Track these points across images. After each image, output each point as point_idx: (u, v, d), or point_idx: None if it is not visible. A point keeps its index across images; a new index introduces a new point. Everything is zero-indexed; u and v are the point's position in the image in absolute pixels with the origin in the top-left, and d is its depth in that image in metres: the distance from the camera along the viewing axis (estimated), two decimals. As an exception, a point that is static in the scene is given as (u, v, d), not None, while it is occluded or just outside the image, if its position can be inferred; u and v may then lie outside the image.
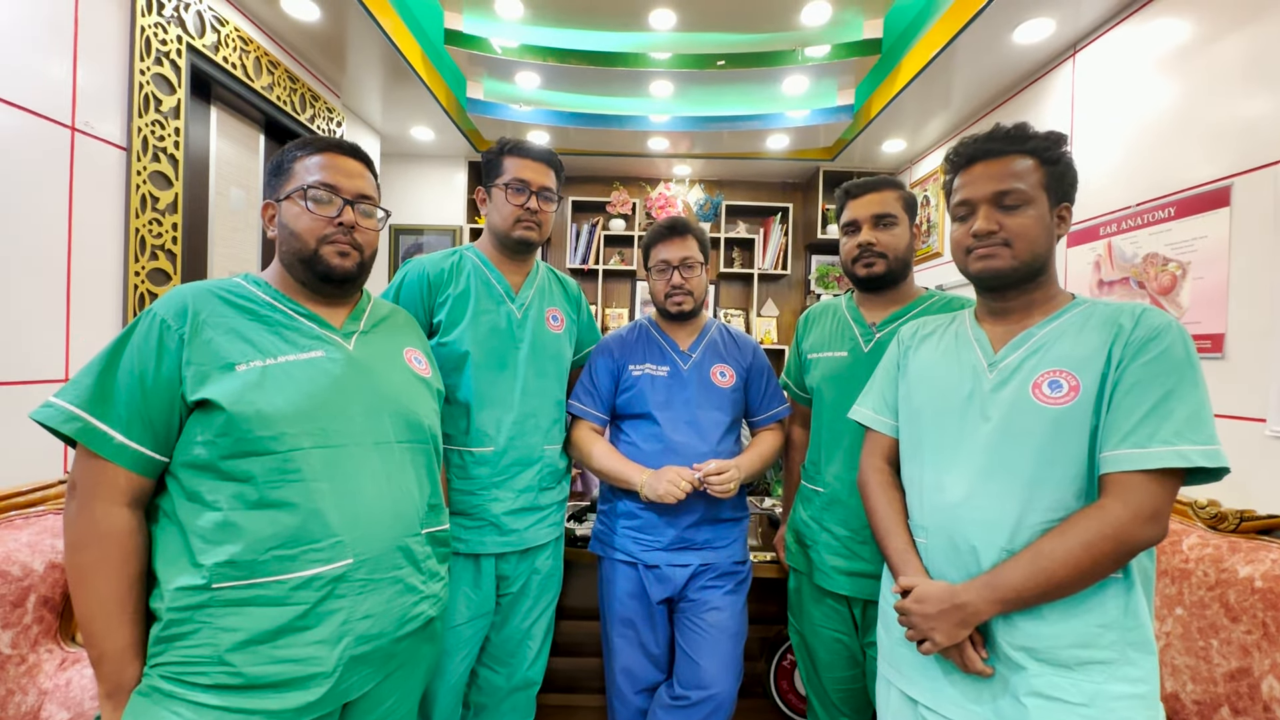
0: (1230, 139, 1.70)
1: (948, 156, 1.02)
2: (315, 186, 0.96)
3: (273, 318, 0.94)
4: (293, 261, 0.98)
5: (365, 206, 1.00)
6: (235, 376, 0.86)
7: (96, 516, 0.81)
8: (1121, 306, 0.90)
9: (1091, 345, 0.88)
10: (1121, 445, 0.82)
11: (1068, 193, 0.96)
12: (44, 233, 1.54)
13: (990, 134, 0.96)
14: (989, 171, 0.94)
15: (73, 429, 0.80)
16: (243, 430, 0.84)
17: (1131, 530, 0.80)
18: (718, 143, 3.65)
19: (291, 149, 1.00)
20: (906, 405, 1.07)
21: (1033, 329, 0.95)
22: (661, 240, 1.46)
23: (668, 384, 1.45)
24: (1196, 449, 0.79)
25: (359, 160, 1.01)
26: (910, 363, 1.09)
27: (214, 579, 0.81)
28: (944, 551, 0.94)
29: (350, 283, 1.01)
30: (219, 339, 0.88)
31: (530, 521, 1.37)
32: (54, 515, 1.24)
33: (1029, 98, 2.61)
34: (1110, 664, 0.83)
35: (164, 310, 0.87)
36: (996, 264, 0.93)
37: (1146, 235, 1.94)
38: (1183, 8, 1.87)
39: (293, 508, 0.85)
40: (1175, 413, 0.81)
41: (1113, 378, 0.85)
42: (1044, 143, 0.94)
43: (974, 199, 0.95)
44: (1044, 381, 0.89)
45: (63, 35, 1.58)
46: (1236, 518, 1.21)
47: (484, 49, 2.89)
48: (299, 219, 0.96)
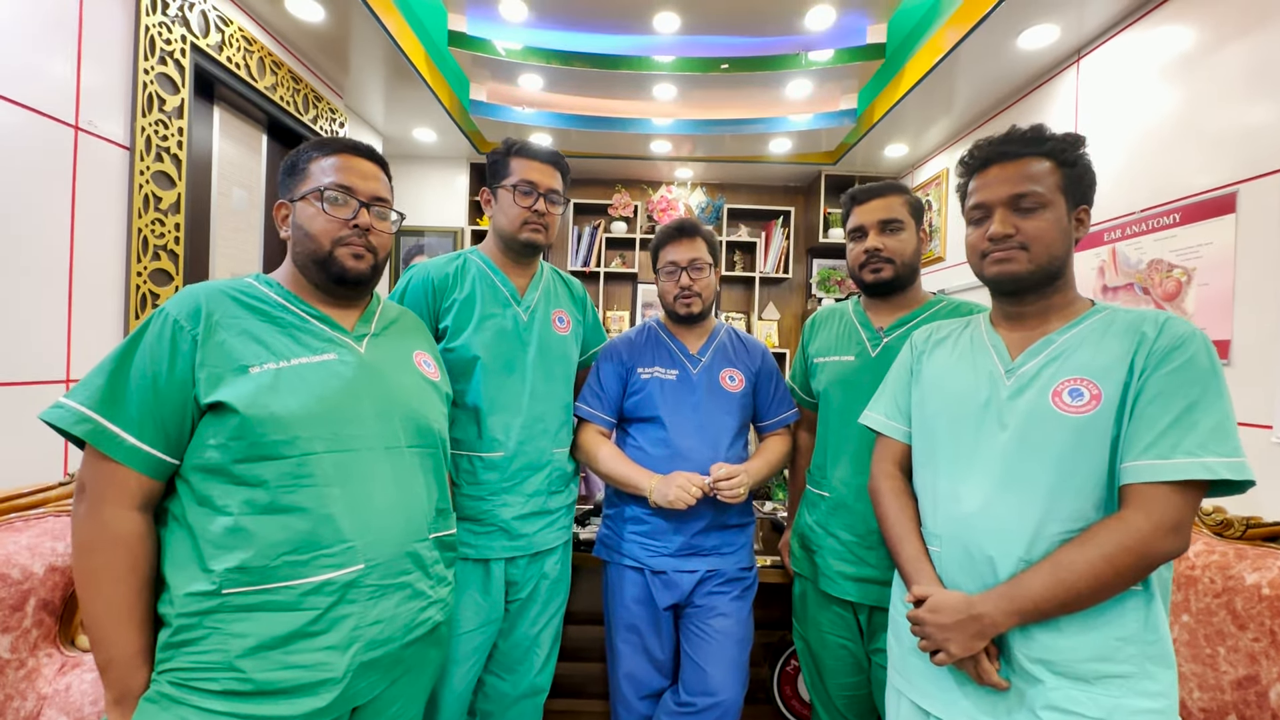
0: (1235, 146, 1.70)
1: (962, 159, 1.00)
2: (331, 188, 0.95)
3: (285, 319, 0.93)
4: (307, 263, 0.96)
5: (380, 209, 1.00)
6: (249, 379, 0.85)
7: (106, 520, 0.80)
8: (1144, 314, 0.89)
9: (1113, 353, 0.86)
10: (1144, 456, 0.81)
11: (1086, 195, 0.94)
12: (46, 232, 1.53)
13: (1006, 136, 0.95)
14: (1005, 174, 0.92)
15: (83, 430, 0.79)
16: (256, 434, 0.83)
17: (1153, 542, 0.78)
18: (720, 146, 3.65)
19: (307, 149, 0.99)
20: (920, 411, 1.05)
21: (1052, 335, 0.93)
22: (670, 241, 1.45)
23: (676, 388, 1.44)
24: (1221, 461, 0.78)
25: (375, 162, 1.01)
26: (924, 368, 1.07)
27: (224, 584, 0.80)
28: (959, 561, 0.92)
29: (363, 285, 1.00)
30: (232, 340, 0.87)
31: (539, 526, 1.36)
32: (54, 518, 1.22)
33: (1033, 103, 2.62)
34: (1129, 678, 0.81)
35: (177, 311, 0.85)
36: (1013, 268, 0.92)
37: (1151, 241, 1.94)
38: (1187, 14, 1.88)
39: (305, 512, 0.85)
40: (1200, 423, 0.79)
41: (1135, 387, 0.83)
42: (1061, 144, 0.92)
43: (990, 202, 0.93)
44: (1065, 389, 0.87)
45: (67, 34, 1.57)
46: (1243, 525, 1.21)
47: (487, 51, 2.89)
48: (314, 220, 0.95)
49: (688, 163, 3.93)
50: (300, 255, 0.97)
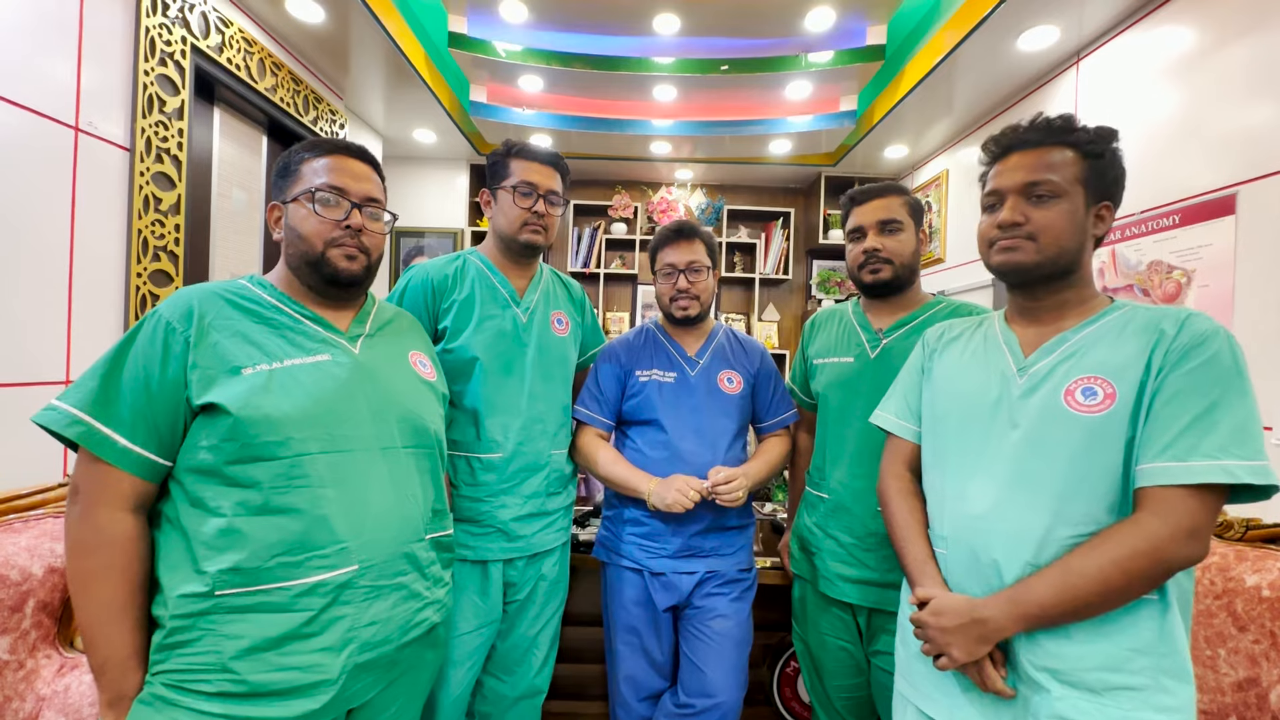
0: (1235, 147, 1.70)
1: (984, 145, 0.96)
2: (323, 189, 0.95)
3: (278, 320, 0.93)
4: (299, 264, 0.96)
5: (372, 209, 1.00)
6: (241, 380, 0.85)
7: (100, 522, 0.80)
8: (1165, 311, 0.85)
9: (1130, 351, 0.82)
10: (1160, 458, 0.77)
11: (1110, 191, 0.90)
12: (46, 233, 1.53)
13: (1031, 123, 0.91)
14: (1024, 162, 0.89)
15: (75, 433, 0.79)
16: (249, 435, 0.82)
17: (1169, 548, 0.75)
18: (720, 147, 3.65)
19: (298, 150, 0.99)
20: (930, 410, 1.02)
21: (1066, 333, 0.89)
22: (668, 244, 1.44)
23: (675, 390, 1.44)
24: (1243, 464, 0.74)
25: (366, 163, 1.01)
26: (935, 366, 1.04)
27: (217, 585, 0.80)
28: (964, 563, 0.89)
29: (357, 286, 1.00)
30: (225, 342, 0.87)
31: (538, 527, 1.36)
32: (53, 519, 1.23)
33: (1033, 105, 2.62)
34: (1141, 690, 0.77)
35: (169, 313, 0.85)
36: (1018, 257, 0.88)
37: (1151, 243, 1.94)
38: (1187, 16, 1.88)
39: (298, 514, 0.84)
40: (1220, 425, 0.75)
41: (1152, 386, 0.79)
42: (1088, 136, 0.88)
43: (1003, 189, 0.90)
44: (1077, 389, 0.83)
45: (67, 35, 1.57)
46: (1243, 526, 1.21)
47: (487, 52, 2.89)
48: (306, 221, 0.95)
49: (687, 164, 3.94)
50: (293, 256, 0.97)
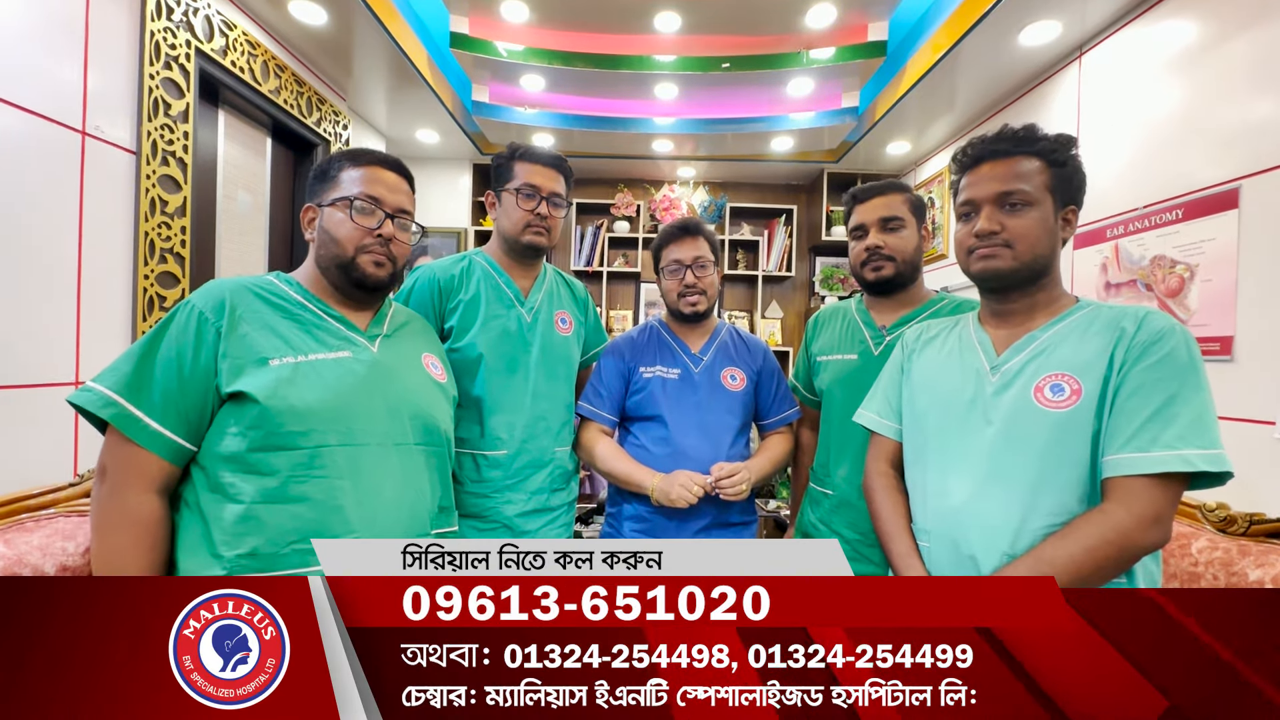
0: (1238, 141, 1.70)
1: (955, 156, 1.02)
2: (360, 198, 0.99)
3: (303, 317, 0.97)
4: (330, 265, 1.01)
5: (402, 220, 1.04)
6: (268, 370, 0.88)
7: (128, 502, 0.83)
8: (1125, 310, 0.90)
9: (1094, 349, 0.88)
10: (1124, 449, 0.82)
11: (1074, 195, 0.95)
12: (55, 236, 1.55)
13: (998, 134, 0.96)
14: (994, 172, 0.94)
15: (109, 413, 0.82)
16: (275, 423, 0.86)
17: (1134, 535, 0.80)
18: (722, 145, 3.65)
19: (339, 158, 1.04)
20: (910, 409, 1.07)
21: (1035, 332, 0.95)
22: (673, 240, 1.46)
23: (678, 386, 1.45)
24: (1199, 453, 0.79)
25: (402, 175, 1.06)
26: (914, 366, 1.09)
27: (234, 570, 0.83)
28: (946, 555, 0.94)
29: (381, 290, 1.05)
30: (254, 334, 0.91)
31: (541, 523, 1.38)
32: (64, 518, 1.24)
33: (1035, 100, 2.61)
34: None
35: (202, 303, 0.89)
36: (997, 264, 0.94)
37: (1154, 237, 1.94)
38: (1189, 10, 1.87)
39: (314, 503, 0.88)
40: (1179, 416, 0.80)
41: (1115, 381, 0.85)
42: (1052, 144, 0.93)
43: (978, 199, 0.95)
44: (1046, 385, 0.89)
45: (73, 40, 1.59)
46: (1246, 521, 1.21)
47: (489, 52, 2.90)
48: (341, 226, 0.99)
49: (690, 162, 3.94)
50: (324, 258, 1.01)
